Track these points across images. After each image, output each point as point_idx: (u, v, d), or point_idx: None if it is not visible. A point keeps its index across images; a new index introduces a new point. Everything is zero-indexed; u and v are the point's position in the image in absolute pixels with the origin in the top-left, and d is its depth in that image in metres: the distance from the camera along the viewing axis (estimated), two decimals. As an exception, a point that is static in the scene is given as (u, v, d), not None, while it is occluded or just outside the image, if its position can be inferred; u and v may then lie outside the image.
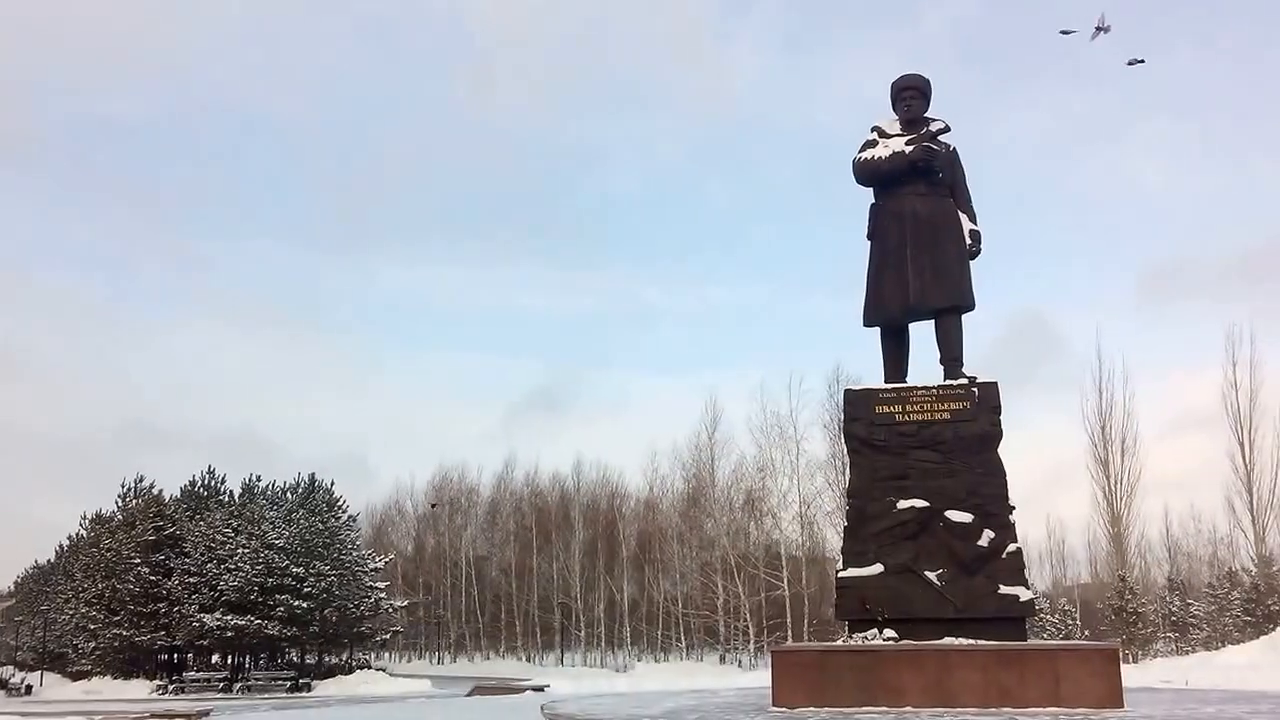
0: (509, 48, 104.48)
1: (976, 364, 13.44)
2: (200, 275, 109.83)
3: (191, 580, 39.53)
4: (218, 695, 35.34)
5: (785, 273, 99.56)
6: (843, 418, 13.81)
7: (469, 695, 26.26)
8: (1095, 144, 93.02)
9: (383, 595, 42.47)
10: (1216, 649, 37.05)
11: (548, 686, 27.30)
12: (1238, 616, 45.04)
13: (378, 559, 44.69)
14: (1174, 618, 48.07)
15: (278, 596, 38.24)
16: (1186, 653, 41.35)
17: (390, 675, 40.86)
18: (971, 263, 13.90)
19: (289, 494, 43.73)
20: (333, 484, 43.50)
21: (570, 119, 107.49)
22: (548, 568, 62.54)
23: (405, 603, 50.63)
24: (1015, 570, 12.23)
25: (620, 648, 60.21)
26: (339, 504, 43.12)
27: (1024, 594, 12.16)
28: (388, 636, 46.54)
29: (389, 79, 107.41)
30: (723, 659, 52.36)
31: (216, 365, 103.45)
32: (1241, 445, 47.88)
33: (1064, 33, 21.67)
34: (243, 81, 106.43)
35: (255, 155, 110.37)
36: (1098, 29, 20.64)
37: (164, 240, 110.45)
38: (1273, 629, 35.04)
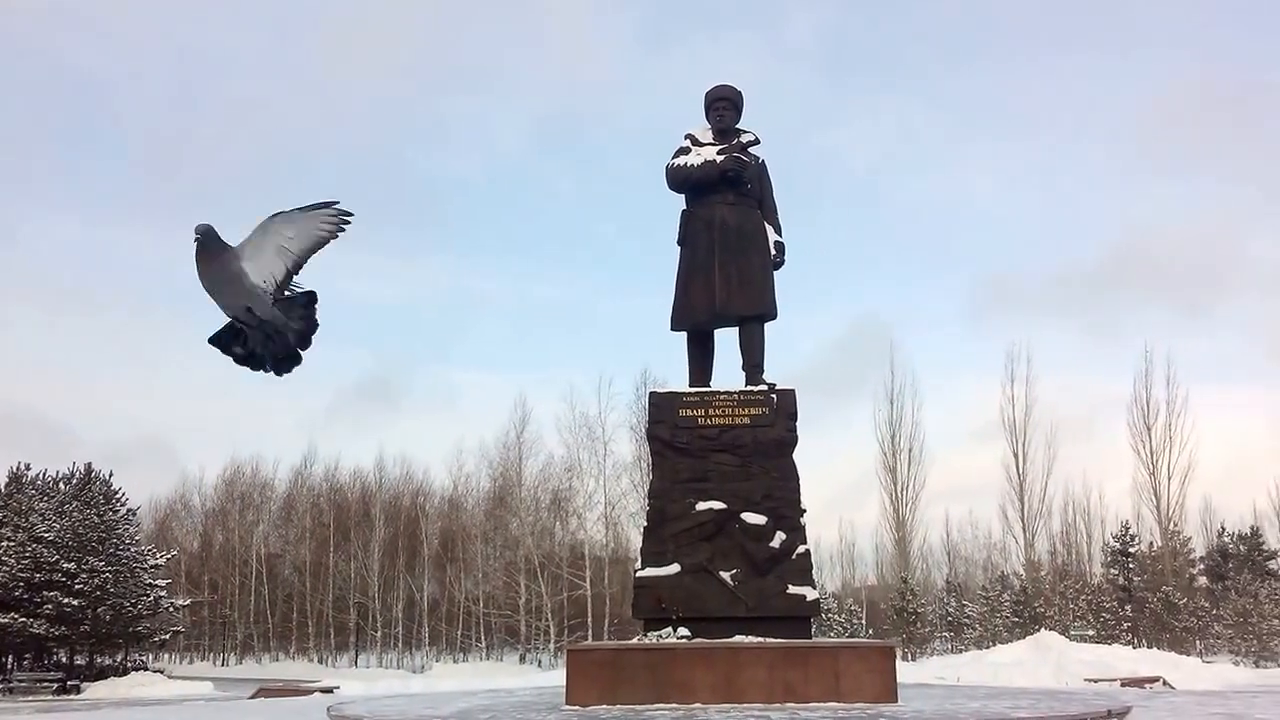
0: (359, 14, 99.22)
1: (812, 368, 13.91)
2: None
3: (-53, 576, 36.41)
4: (-28, 700, 32.74)
5: (612, 271, 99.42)
6: (647, 420, 13.97)
7: (252, 698, 25.17)
8: (942, 155, 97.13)
9: (163, 593, 40.24)
10: (987, 648, 39.44)
11: (337, 688, 26.42)
12: (1007, 617, 48.23)
13: (159, 555, 42.33)
14: (950, 618, 51.10)
15: (45, 593, 35.69)
16: (960, 651, 43.96)
17: (169, 677, 38.76)
18: (776, 273, 14.34)
19: (62, 484, 40.88)
20: (111, 475, 40.93)
21: (412, 96, 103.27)
22: (345, 566, 60.72)
23: (188, 601, 48.05)
24: (804, 571, 12.66)
25: (418, 648, 59.14)
26: (117, 496, 40.56)
27: (811, 594, 12.61)
28: (167, 637, 44.13)
29: (218, 38, 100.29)
30: (523, 659, 52.19)
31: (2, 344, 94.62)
32: (1016, 456, 51.48)
33: None
34: (46, 24, 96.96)
35: (60, 113, 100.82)
36: None
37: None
38: (1037, 629, 37.65)
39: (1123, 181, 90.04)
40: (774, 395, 13.31)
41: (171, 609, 42.15)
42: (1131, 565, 50.30)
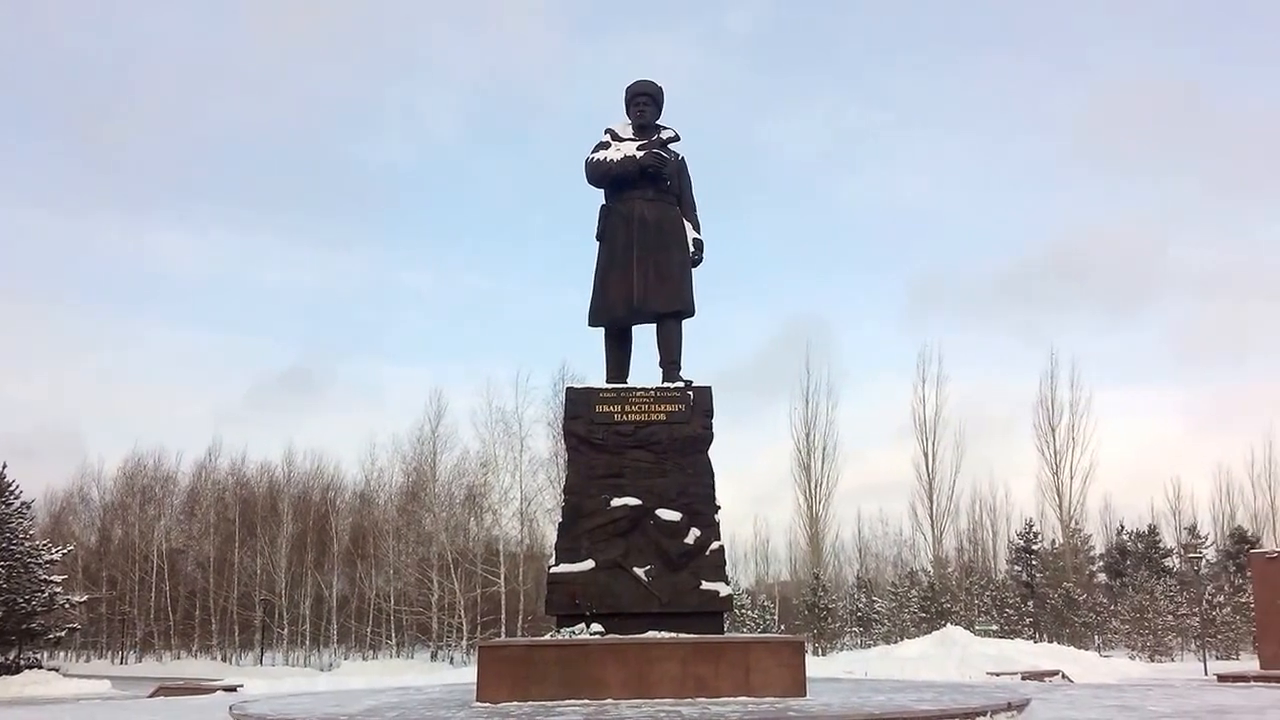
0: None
1: (748, 366, 13.95)
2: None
3: None
4: None
5: (537, 264, 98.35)
6: (564, 415, 13.88)
7: (151, 696, 24.42)
8: (880, 152, 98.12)
9: (58, 589, 38.89)
10: (895, 642, 40.23)
11: (241, 686, 25.79)
12: (915, 613, 49.29)
13: (54, 550, 40.87)
14: (860, 613, 51.96)
15: (-67, 590, 34.29)
16: (869, 646, 44.77)
17: (64, 676, 37.44)
18: (695, 270, 14.36)
19: (-48, 477, 39.21)
20: (5, 466, 39.42)
21: (343, 82, 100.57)
22: (251, 562, 59.38)
23: (85, 598, 46.50)
24: (717, 567, 12.72)
25: (326, 646, 58.09)
26: (10, 489, 39.06)
27: (724, 589, 12.68)
28: (63, 634, 42.60)
29: (140, 16, 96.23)
30: (434, 656, 51.65)
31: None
32: (925, 455, 52.68)
33: None
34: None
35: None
36: None
37: None
38: (944, 625, 38.52)
39: (1056, 182, 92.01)
40: (690, 392, 13.34)
41: (67, 605, 40.77)
42: (1034, 562, 51.80)
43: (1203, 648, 40.54)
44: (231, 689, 24.82)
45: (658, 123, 14.49)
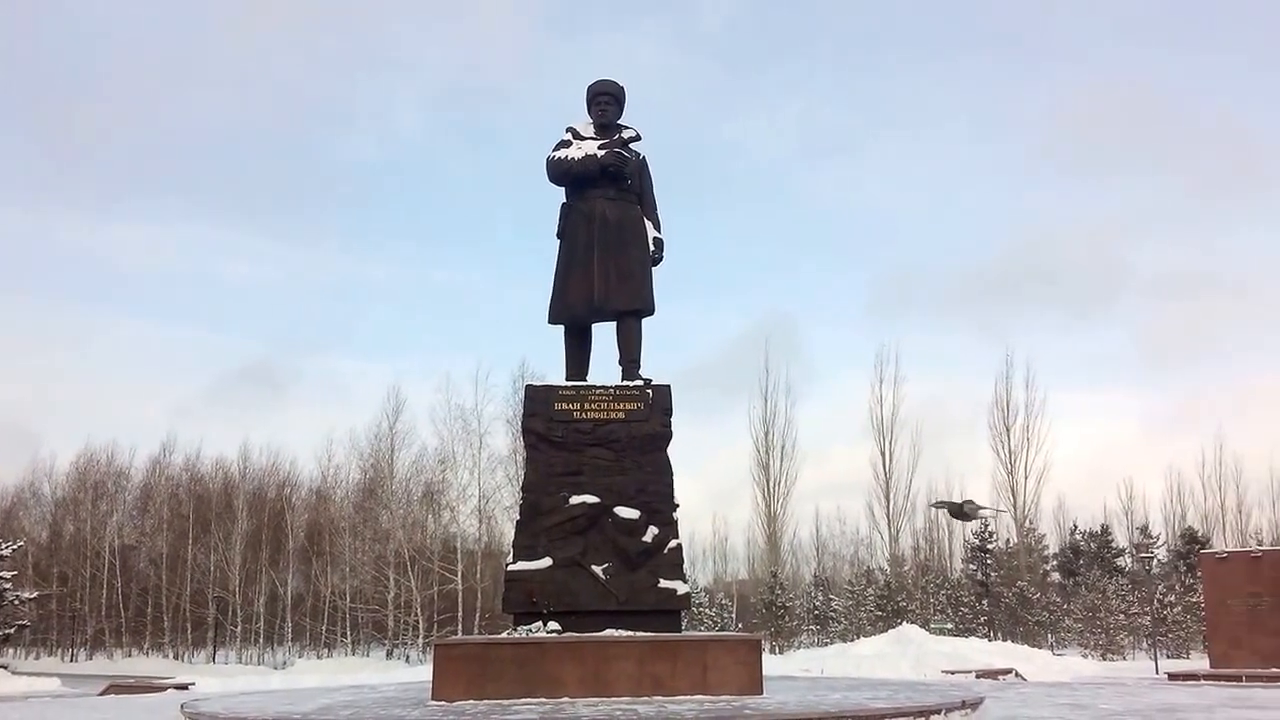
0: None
1: (714, 363, 13.94)
2: None
3: None
4: None
5: (499, 260, 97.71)
6: (523, 413, 13.81)
7: (101, 694, 24.02)
8: (853, 151, 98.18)
9: (8, 586, 38.29)
10: (852, 641, 40.46)
11: (192, 684, 25.45)
12: (871, 611, 49.63)
13: (4, 546, 40.20)
14: (817, 612, 52.27)
15: (-125, 587, 33.63)
16: (826, 644, 44.99)
17: (13, 673, 36.80)
18: (655, 269, 14.35)
19: (-103, 471, 38.54)
20: (-47, 461, 38.79)
21: (310, 75, 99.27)
22: (205, 559, 58.67)
23: (35, 594, 45.80)
24: (675, 565, 12.72)
25: (280, 644, 57.55)
26: (-41, 484, 38.48)
27: (681, 588, 12.68)
28: (12, 631, 41.99)
29: (105, 4, 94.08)
30: (390, 654, 51.30)
31: None
32: (883, 454, 53.11)
33: None
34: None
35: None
36: None
37: None
38: (900, 623, 38.80)
39: (1023, 184, 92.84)
40: (649, 390, 13.34)
41: (17, 602, 40.18)
42: (989, 561, 52.37)
43: (1154, 646, 41.19)
44: (183, 687, 24.49)
45: (619, 122, 14.48)
